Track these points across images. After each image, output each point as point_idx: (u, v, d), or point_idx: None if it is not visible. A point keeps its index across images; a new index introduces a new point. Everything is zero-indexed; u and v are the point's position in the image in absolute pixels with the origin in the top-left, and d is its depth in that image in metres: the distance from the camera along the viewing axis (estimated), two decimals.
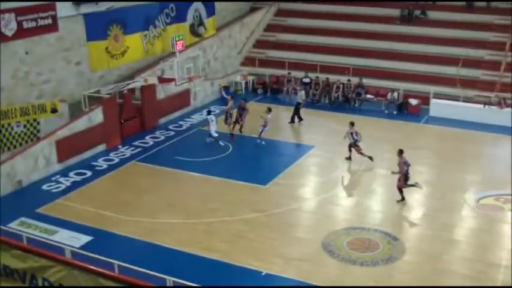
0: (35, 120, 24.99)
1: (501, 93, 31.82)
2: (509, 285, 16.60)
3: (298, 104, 30.83)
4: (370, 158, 24.97)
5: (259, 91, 36.99)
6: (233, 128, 28.61)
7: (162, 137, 28.87)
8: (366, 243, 18.94)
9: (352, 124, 25.11)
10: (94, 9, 26.54)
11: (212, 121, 27.25)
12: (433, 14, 38.61)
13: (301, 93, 31.43)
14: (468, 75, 34.10)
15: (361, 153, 24.95)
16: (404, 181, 21.39)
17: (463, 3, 37.86)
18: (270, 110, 27.70)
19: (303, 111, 31.18)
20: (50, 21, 24.44)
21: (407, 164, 21.36)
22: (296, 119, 30.75)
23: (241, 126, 28.80)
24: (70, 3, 26.25)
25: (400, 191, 21.61)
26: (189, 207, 21.58)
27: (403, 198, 21.61)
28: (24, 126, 24.68)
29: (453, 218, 20.88)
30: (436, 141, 28.62)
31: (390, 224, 20.24)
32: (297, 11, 41.93)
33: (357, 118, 29.69)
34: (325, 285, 16.68)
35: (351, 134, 24.94)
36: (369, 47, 37.79)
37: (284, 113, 32.79)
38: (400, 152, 21.67)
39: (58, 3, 24.91)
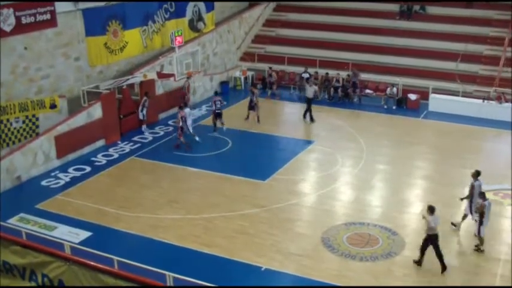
0: (33, 116, 24.96)
1: (500, 88, 31.83)
2: (509, 277, 16.63)
3: (309, 100, 30.24)
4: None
5: (258, 86, 36.94)
6: (248, 117, 29.69)
7: (162, 132, 28.86)
8: (365, 238, 18.95)
9: (216, 93, 28.89)
10: (93, 4, 26.47)
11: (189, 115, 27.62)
12: (432, 9, 38.61)
13: (313, 88, 30.73)
14: (467, 70, 34.12)
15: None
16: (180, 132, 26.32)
17: None
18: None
19: (300, 106, 31.14)
20: (48, 16, 24.37)
21: (183, 119, 26.11)
22: (308, 117, 30.18)
23: (258, 117, 29.44)
24: None
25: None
26: (189, 202, 21.57)
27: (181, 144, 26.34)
28: (23, 122, 24.65)
29: (452, 212, 20.85)
30: (435, 136, 28.60)
31: (390, 219, 20.21)
32: (296, 6, 41.91)
33: (357, 113, 29.78)
34: (324, 280, 16.70)
35: (215, 102, 27.70)
36: (368, 42, 37.82)
37: (282, 108, 32.83)
38: (180, 107, 27.00)
39: None
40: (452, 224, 19.32)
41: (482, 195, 18.08)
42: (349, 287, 16.48)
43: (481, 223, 17.94)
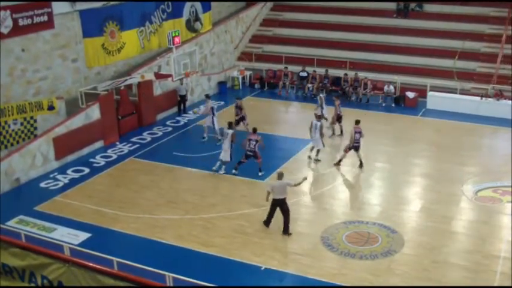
0: (32, 117, 24.92)
1: (498, 85, 31.87)
2: (509, 274, 16.63)
3: None
4: None
5: (256, 86, 37.02)
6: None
7: (160, 133, 28.86)
8: (365, 236, 18.95)
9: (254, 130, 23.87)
10: (90, 5, 26.47)
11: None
12: (429, 7, 38.66)
13: None
14: (465, 68, 34.16)
15: None
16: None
17: None
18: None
19: (299, 106, 31.11)
20: (45, 18, 24.36)
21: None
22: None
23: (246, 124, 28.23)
24: None
25: None
26: (188, 203, 21.56)
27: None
28: (21, 123, 24.62)
29: (451, 210, 20.89)
30: (433, 133, 28.63)
31: (389, 217, 20.23)
32: (293, 5, 41.94)
33: (355, 111, 29.79)
34: (324, 279, 16.70)
35: (249, 140, 23.51)
36: (366, 40, 37.86)
37: (280, 107, 32.79)
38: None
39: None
40: None
41: None
42: (350, 286, 16.48)
43: None
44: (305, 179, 19.42)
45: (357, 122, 24.47)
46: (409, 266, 17.32)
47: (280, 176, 19.19)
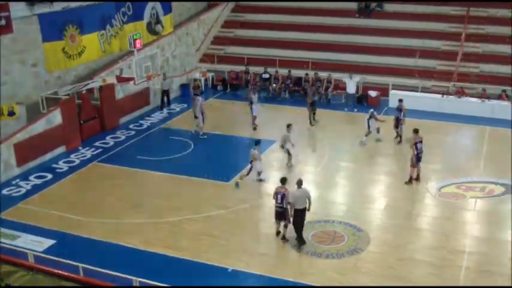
0: None
1: (458, 82, 32.28)
2: (474, 269, 16.84)
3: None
4: None
5: (219, 87, 36.97)
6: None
7: (123, 137, 28.64)
8: (331, 235, 19.02)
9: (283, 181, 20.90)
10: (49, 9, 26.12)
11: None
12: (389, 6, 39.03)
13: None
14: (425, 66, 34.57)
15: None
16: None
17: None
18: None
19: (261, 107, 31.18)
20: (3, 22, 23.92)
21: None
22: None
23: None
24: (24, 3, 25.85)
25: None
26: (153, 206, 21.41)
27: None
28: None
29: (416, 207, 21.13)
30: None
31: (354, 215, 20.34)
32: (254, 6, 42.03)
33: (317, 111, 29.85)
34: (291, 279, 16.73)
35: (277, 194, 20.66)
36: (328, 40, 38.07)
37: (244, 108, 32.74)
38: None
39: (12, 4, 24.38)
40: None
41: None
42: (317, 286, 16.51)
43: None
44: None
45: (416, 131, 22.84)
46: (375, 264, 17.44)
47: (300, 183, 18.51)
